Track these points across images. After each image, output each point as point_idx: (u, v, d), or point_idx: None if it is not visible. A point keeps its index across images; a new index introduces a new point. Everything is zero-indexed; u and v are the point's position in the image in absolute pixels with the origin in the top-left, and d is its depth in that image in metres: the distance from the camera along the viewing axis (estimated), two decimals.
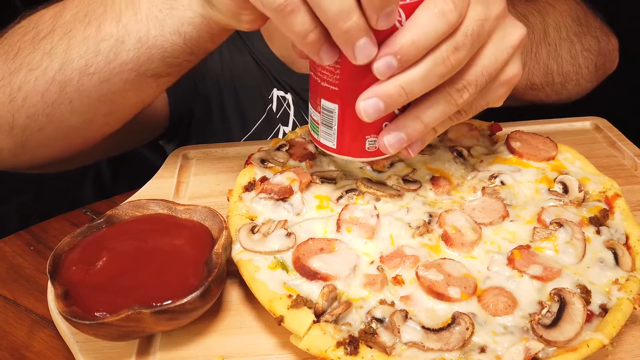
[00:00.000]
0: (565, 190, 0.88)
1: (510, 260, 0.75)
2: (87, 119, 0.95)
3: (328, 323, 0.67)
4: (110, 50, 0.86)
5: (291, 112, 1.38)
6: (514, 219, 0.83)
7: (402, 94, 0.69)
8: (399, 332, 0.66)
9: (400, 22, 0.67)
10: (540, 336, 0.65)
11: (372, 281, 0.73)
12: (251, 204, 0.86)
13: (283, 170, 0.89)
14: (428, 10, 0.66)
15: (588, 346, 0.65)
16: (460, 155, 0.96)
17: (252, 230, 0.79)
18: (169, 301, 0.67)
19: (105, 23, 0.86)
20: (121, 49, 0.85)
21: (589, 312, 0.68)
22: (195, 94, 1.35)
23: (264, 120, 1.38)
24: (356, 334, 0.67)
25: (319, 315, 0.69)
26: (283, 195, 0.85)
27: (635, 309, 0.70)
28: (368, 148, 0.78)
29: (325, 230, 0.81)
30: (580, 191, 0.87)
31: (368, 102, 0.70)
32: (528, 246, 0.78)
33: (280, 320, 0.69)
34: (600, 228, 0.81)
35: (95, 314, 0.67)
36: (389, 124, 0.75)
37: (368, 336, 0.67)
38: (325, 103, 0.76)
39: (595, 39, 1.26)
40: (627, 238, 0.80)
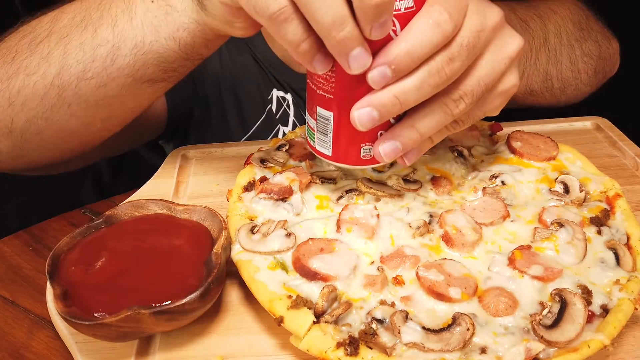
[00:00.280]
0: (566, 190, 0.88)
1: (511, 261, 0.75)
2: (85, 122, 0.95)
3: (328, 324, 0.67)
4: (107, 56, 0.86)
5: (291, 113, 1.38)
6: (514, 219, 0.83)
7: (397, 104, 0.69)
8: (399, 333, 0.66)
9: (395, 32, 0.67)
10: (541, 337, 0.65)
11: (373, 281, 0.73)
12: (251, 204, 0.85)
13: (283, 170, 0.89)
14: (423, 21, 0.66)
15: (589, 347, 0.64)
16: (461, 155, 0.96)
17: (252, 231, 0.79)
18: (169, 302, 0.67)
19: (101, 28, 0.87)
20: (117, 55, 0.86)
21: (589, 313, 0.68)
22: (194, 94, 1.35)
23: (263, 120, 1.38)
24: (356, 335, 0.67)
25: (319, 315, 0.68)
26: (283, 195, 0.84)
27: (636, 309, 0.70)
28: (363, 156, 0.79)
29: (325, 230, 0.80)
30: (581, 191, 0.87)
31: (362, 112, 0.70)
32: (529, 246, 0.78)
33: (280, 320, 0.68)
34: (601, 228, 0.81)
35: (94, 314, 0.67)
36: (385, 133, 0.76)
37: (368, 337, 0.66)
38: (321, 111, 0.77)
39: (595, 44, 1.26)
40: (628, 238, 0.80)
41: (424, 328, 0.67)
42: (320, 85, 0.74)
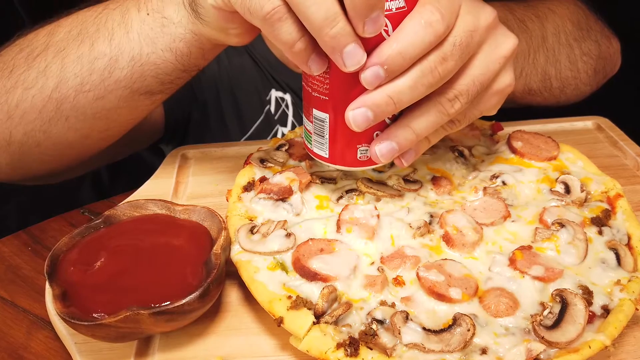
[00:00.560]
0: (567, 190, 0.87)
1: (512, 261, 0.75)
2: (83, 134, 0.96)
3: (328, 324, 0.67)
4: (105, 69, 0.87)
5: (290, 113, 1.38)
6: (515, 219, 0.83)
7: (391, 104, 0.69)
8: (399, 334, 0.66)
9: (387, 32, 0.68)
10: (542, 337, 0.65)
11: (373, 282, 0.73)
12: (250, 204, 0.85)
13: (282, 170, 0.89)
14: (415, 21, 0.67)
15: (590, 347, 0.64)
16: (462, 155, 0.96)
17: (252, 231, 0.79)
18: (168, 302, 0.67)
19: (98, 42, 0.87)
20: (115, 67, 0.87)
21: (590, 313, 0.68)
22: (192, 97, 1.35)
23: (262, 121, 1.38)
24: (356, 335, 0.66)
25: (318, 316, 0.68)
26: (282, 196, 0.84)
27: (637, 309, 0.70)
28: (360, 157, 0.79)
29: (325, 230, 0.80)
30: (582, 191, 0.87)
31: (357, 112, 0.70)
32: (529, 247, 0.78)
33: (279, 321, 0.68)
34: (602, 228, 0.81)
35: (93, 314, 0.67)
36: (381, 134, 0.76)
37: (368, 337, 0.66)
38: (316, 113, 0.77)
39: (595, 43, 1.25)
40: (629, 238, 0.80)
41: (424, 329, 0.66)
42: (315, 87, 0.75)
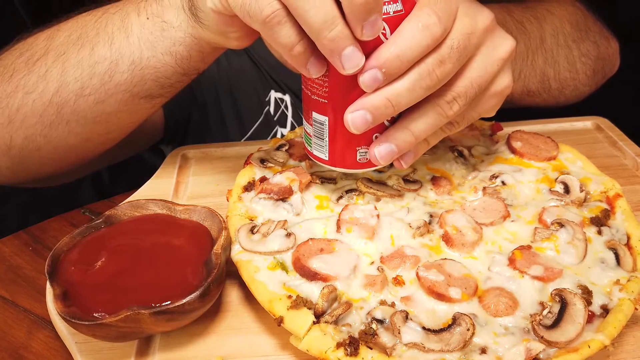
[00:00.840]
0: (567, 190, 0.88)
1: (511, 261, 0.75)
2: (84, 138, 0.96)
3: (328, 324, 0.67)
4: (105, 73, 0.87)
5: (289, 114, 1.38)
6: (514, 219, 0.83)
7: (389, 106, 0.70)
8: (399, 333, 0.66)
9: (384, 35, 0.68)
10: (541, 337, 0.65)
11: (373, 282, 0.73)
12: (251, 204, 0.85)
13: (283, 170, 0.89)
14: (412, 24, 0.67)
15: (589, 347, 0.64)
16: (461, 155, 0.96)
17: (252, 231, 0.79)
18: (168, 302, 0.67)
19: (98, 46, 0.88)
20: (115, 71, 0.87)
21: (590, 313, 0.68)
22: (192, 98, 1.35)
23: (261, 122, 1.38)
24: (356, 335, 0.67)
25: (318, 316, 0.68)
26: (283, 196, 0.84)
27: (636, 309, 0.70)
28: (359, 159, 0.79)
29: (325, 230, 0.80)
30: (581, 191, 0.87)
31: (356, 114, 0.71)
32: (529, 246, 0.78)
33: (280, 321, 0.68)
34: (602, 228, 0.81)
35: (94, 314, 0.67)
36: (380, 136, 0.76)
37: (368, 337, 0.66)
38: (316, 115, 0.78)
39: (594, 44, 1.25)
40: (629, 238, 0.80)
41: (424, 328, 0.67)
42: (314, 90, 0.75)
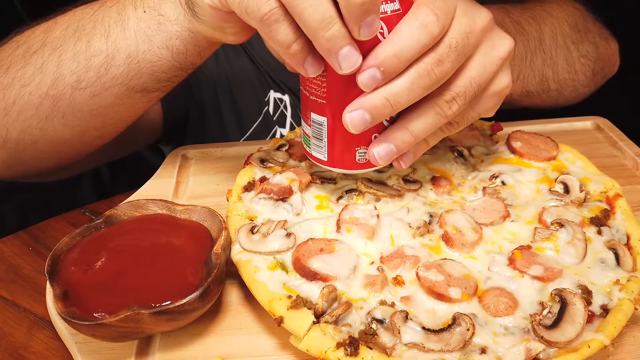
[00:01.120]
0: (566, 190, 0.88)
1: (511, 261, 0.75)
2: (79, 132, 0.96)
3: (328, 324, 0.67)
4: (101, 66, 0.87)
5: (288, 114, 1.38)
6: (514, 219, 0.83)
7: (388, 106, 0.70)
8: (399, 333, 0.66)
9: (382, 35, 0.68)
10: (541, 337, 0.65)
11: (372, 282, 0.73)
12: (251, 204, 0.85)
13: (283, 170, 0.89)
14: (410, 23, 0.67)
15: (589, 347, 0.64)
16: (461, 155, 0.96)
17: (252, 231, 0.79)
18: (168, 302, 0.67)
19: (94, 39, 0.87)
20: (111, 64, 0.87)
21: (590, 313, 0.68)
22: (190, 97, 1.35)
23: (260, 123, 1.38)
24: (356, 335, 0.67)
25: (318, 316, 0.68)
26: (283, 196, 0.84)
27: (636, 309, 0.70)
28: (358, 160, 0.79)
29: (325, 230, 0.80)
30: (581, 191, 0.87)
31: (354, 114, 0.71)
32: (529, 246, 0.78)
33: (280, 320, 0.68)
34: (602, 228, 0.81)
35: (94, 314, 0.67)
36: (379, 136, 0.76)
37: (368, 337, 0.66)
38: (314, 116, 0.78)
39: (593, 45, 1.25)
40: (628, 238, 0.80)
41: (424, 328, 0.67)
42: (312, 90, 0.75)
